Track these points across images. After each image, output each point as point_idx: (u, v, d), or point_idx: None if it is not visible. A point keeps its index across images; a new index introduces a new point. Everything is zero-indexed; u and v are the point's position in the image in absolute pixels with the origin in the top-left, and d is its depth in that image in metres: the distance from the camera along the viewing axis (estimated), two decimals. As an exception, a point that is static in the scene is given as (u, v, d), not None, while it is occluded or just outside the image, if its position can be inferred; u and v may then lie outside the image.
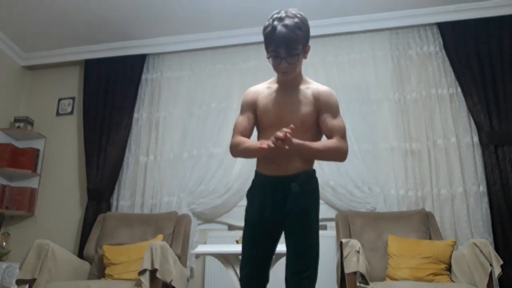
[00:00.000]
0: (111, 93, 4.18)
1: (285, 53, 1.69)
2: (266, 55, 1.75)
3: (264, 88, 1.89)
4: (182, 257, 3.22)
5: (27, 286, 2.77)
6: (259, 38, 1.75)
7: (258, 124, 1.88)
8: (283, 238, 1.77)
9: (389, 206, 3.41)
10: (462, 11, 3.69)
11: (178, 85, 4.12)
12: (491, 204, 3.25)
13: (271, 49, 1.71)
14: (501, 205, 3.19)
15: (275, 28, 1.66)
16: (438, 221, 3.24)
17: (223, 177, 3.73)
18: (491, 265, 2.51)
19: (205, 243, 3.69)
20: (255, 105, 1.86)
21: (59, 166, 4.20)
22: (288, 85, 1.83)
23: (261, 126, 1.86)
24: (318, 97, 1.79)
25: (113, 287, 2.81)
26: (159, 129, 4.01)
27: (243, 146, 1.77)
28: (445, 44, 3.69)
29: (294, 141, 1.60)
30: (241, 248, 1.81)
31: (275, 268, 2.26)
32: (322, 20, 3.85)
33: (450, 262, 2.84)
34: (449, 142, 3.49)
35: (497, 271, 2.48)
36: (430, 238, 3.08)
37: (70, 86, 4.47)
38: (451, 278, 2.79)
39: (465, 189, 3.36)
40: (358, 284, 2.50)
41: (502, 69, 3.49)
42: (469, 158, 3.42)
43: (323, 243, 1.84)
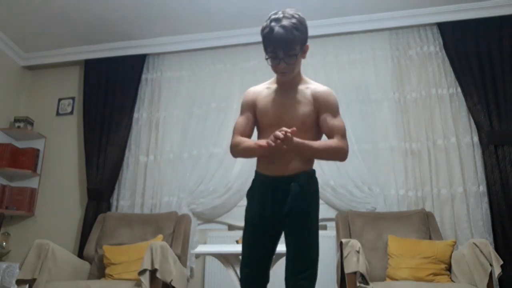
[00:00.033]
0: (111, 93, 4.18)
1: (283, 54, 1.69)
2: (264, 56, 1.75)
3: (264, 89, 1.89)
4: (182, 257, 3.22)
5: (27, 286, 2.77)
6: (259, 38, 1.75)
7: (258, 125, 1.88)
8: (283, 238, 1.77)
9: (389, 206, 3.41)
10: (462, 11, 3.69)
11: (178, 85, 4.12)
12: (491, 204, 3.26)
13: (269, 50, 1.71)
14: (501, 205, 3.20)
15: (272, 29, 1.67)
16: (438, 221, 3.24)
17: (223, 177, 3.72)
18: (491, 265, 2.51)
19: (205, 243, 3.69)
20: (254, 106, 1.86)
21: (59, 166, 4.20)
22: (287, 86, 1.83)
23: (261, 126, 1.87)
24: (317, 97, 1.79)
25: (113, 287, 2.81)
26: (159, 129, 4.01)
27: (243, 146, 1.79)
28: (445, 44, 3.69)
29: (294, 140, 1.61)
30: (241, 248, 1.81)
31: (275, 268, 2.26)
32: (322, 20, 3.85)
33: (450, 262, 2.84)
34: (449, 142, 3.49)
35: (497, 271, 2.48)
36: (430, 238, 3.08)
37: (70, 86, 4.46)
38: (451, 278, 2.79)
39: (465, 189, 3.36)
40: (358, 284, 2.50)
41: (502, 69, 3.49)
42: (469, 158, 3.42)
43: (323, 243, 1.84)
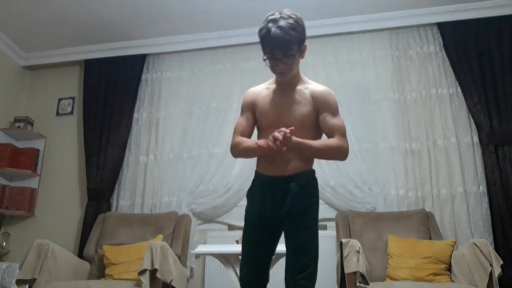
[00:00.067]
0: (111, 93, 4.18)
1: (281, 54, 1.69)
2: (263, 57, 1.76)
3: (263, 89, 1.90)
4: (182, 257, 3.22)
5: (27, 286, 2.77)
6: (259, 38, 1.76)
7: (257, 125, 1.89)
8: (283, 238, 1.77)
9: (389, 206, 3.41)
10: (462, 11, 3.69)
11: (178, 85, 4.12)
12: (491, 204, 3.25)
13: (267, 51, 1.72)
14: (501, 205, 3.19)
15: (269, 30, 1.67)
16: (438, 221, 3.24)
17: (223, 177, 3.72)
18: (491, 265, 2.51)
19: (205, 243, 3.69)
20: (254, 106, 1.86)
21: (59, 166, 4.20)
22: (287, 86, 1.83)
23: (260, 126, 1.87)
24: (316, 97, 1.79)
25: (113, 287, 2.81)
26: (159, 129, 4.01)
27: (243, 146, 1.79)
28: (445, 44, 3.69)
29: (294, 139, 1.61)
30: (241, 248, 1.81)
31: (275, 268, 2.26)
32: (322, 20, 3.85)
33: (450, 262, 2.84)
34: (449, 142, 3.49)
35: (497, 271, 2.48)
36: (430, 238, 3.08)
37: (70, 86, 4.46)
38: (451, 278, 2.78)
39: (465, 189, 3.36)
40: (358, 284, 2.50)
41: (502, 69, 3.49)
42: (469, 158, 3.42)
43: (323, 243, 1.84)
